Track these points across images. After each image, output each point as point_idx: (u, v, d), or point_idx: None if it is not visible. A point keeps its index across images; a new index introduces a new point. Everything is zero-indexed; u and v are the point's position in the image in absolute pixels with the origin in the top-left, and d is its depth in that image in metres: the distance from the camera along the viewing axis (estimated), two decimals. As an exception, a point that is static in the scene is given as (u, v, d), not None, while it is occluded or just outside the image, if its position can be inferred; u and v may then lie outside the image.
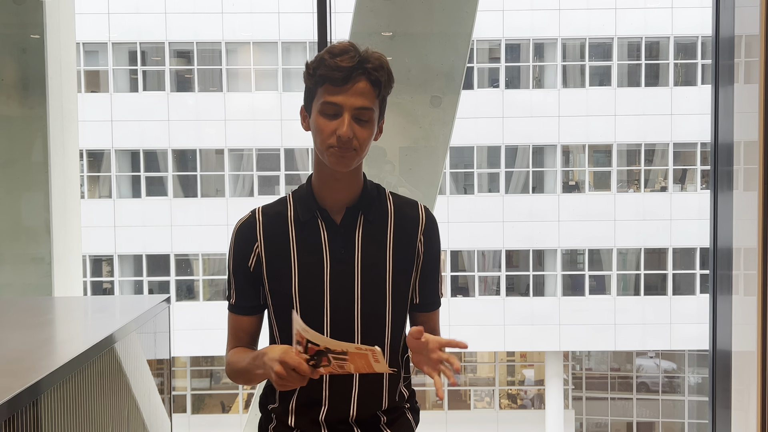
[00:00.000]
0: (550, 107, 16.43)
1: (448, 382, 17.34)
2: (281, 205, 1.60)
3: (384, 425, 1.62)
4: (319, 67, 1.49)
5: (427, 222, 1.63)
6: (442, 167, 3.81)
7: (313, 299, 1.54)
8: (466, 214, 16.57)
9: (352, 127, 1.48)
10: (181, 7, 16.04)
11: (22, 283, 3.79)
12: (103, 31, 16.20)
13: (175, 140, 16.30)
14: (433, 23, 3.74)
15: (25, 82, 3.71)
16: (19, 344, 2.35)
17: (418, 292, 1.64)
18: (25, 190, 3.73)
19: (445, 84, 3.72)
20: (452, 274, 17.06)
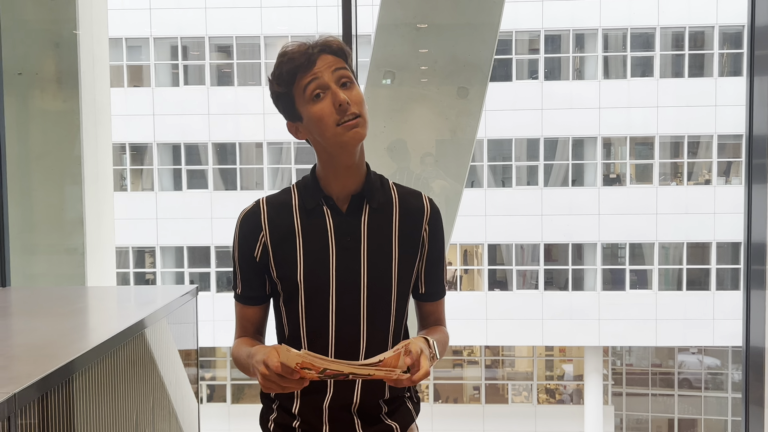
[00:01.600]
0: (590, 99, 16.20)
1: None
2: (285, 195, 1.61)
3: (384, 415, 1.63)
4: (281, 67, 1.52)
5: (432, 212, 1.65)
6: (470, 159, 3.78)
7: (319, 286, 1.55)
8: (503, 207, 16.45)
9: (345, 93, 1.50)
10: (220, 2, 16.20)
11: (57, 273, 3.88)
12: (145, 26, 16.45)
13: (215, 134, 16.49)
14: (460, 14, 3.71)
15: (59, 76, 3.78)
16: (52, 329, 2.42)
17: (423, 281, 1.66)
18: (59, 183, 3.81)
19: (472, 75, 3.69)
20: (490, 267, 16.97)
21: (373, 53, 3.78)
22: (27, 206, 3.80)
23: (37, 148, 3.81)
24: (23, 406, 1.74)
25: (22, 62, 3.73)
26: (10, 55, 3.69)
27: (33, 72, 3.75)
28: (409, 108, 3.73)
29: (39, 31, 3.78)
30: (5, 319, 2.71)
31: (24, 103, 3.79)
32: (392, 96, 3.75)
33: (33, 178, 3.81)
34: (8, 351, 2.23)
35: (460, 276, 17.42)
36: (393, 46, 3.79)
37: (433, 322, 1.71)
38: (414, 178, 3.91)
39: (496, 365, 18.38)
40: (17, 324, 2.64)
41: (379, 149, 3.76)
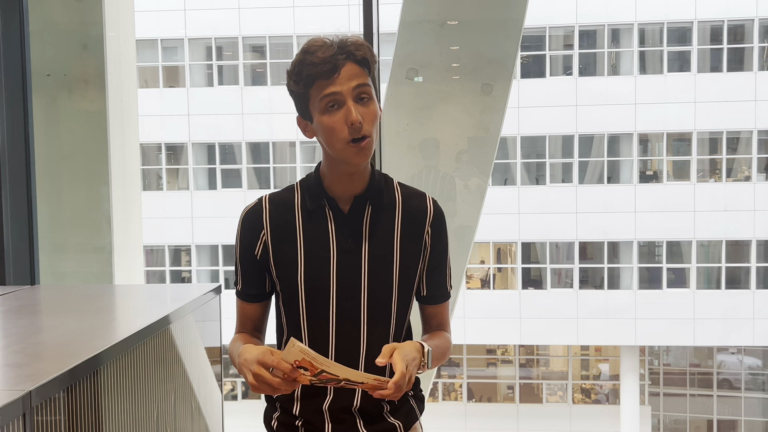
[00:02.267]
0: (626, 94, 15.97)
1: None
2: (289, 193, 1.60)
3: (387, 413, 1.62)
4: (303, 68, 1.48)
5: (435, 214, 1.62)
6: (494, 156, 3.75)
7: (319, 288, 1.54)
8: (537, 205, 16.31)
9: (358, 110, 1.47)
10: (253, 2, 16.31)
11: (85, 271, 3.94)
12: (179, 27, 16.65)
13: (249, 133, 16.63)
14: (484, 10, 3.67)
15: (85, 78, 3.84)
16: (80, 324, 2.46)
17: (426, 284, 1.63)
18: (87, 182, 3.87)
19: (496, 71, 3.65)
20: (523, 266, 16.84)
21: (396, 50, 3.76)
22: (56, 205, 3.86)
23: (66, 148, 3.87)
24: (44, 400, 1.76)
25: (50, 64, 3.79)
26: (39, 57, 3.76)
27: (61, 73, 3.81)
28: (432, 105, 3.70)
29: (67, 33, 3.84)
30: (32, 316, 2.75)
31: (53, 104, 3.85)
32: (415, 93, 3.73)
33: (62, 178, 3.87)
34: (30, 348, 2.26)
35: (494, 274, 17.32)
36: (416, 43, 3.77)
37: (436, 326, 1.68)
38: (441, 176, 3.89)
39: (530, 364, 18.24)
40: (42, 321, 2.68)
41: (402, 147, 3.75)
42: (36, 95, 3.70)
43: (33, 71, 3.69)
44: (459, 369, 18.20)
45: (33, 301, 3.00)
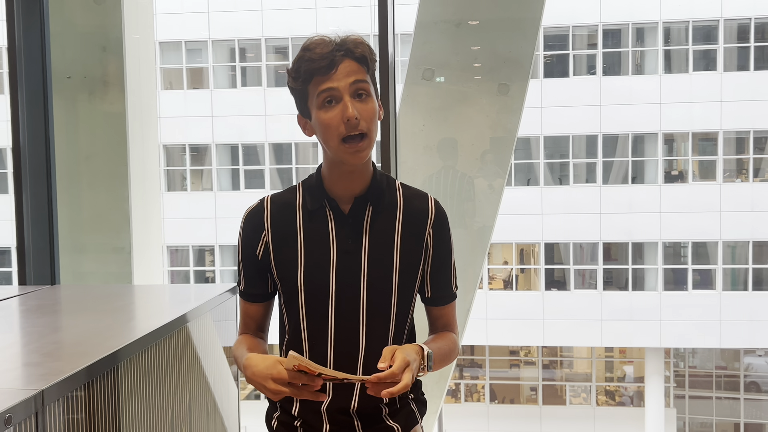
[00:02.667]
0: (651, 94, 15.80)
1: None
2: (291, 194, 1.60)
3: (386, 416, 1.61)
4: (301, 65, 1.48)
5: (437, 215, 1.61)
6: (510, 157, 3.72)
7: (319, 289, 1.54)
8: (560, 205, 16.19)
9: (355, 106, 1.47)
10: (276, 4, 16.38)
11: (105, 271, 3.98)
12: (203, 29, 16.77)
13: (272, 134, 16.70)
14: (500, 9, 3.65)
15: (105, 79, 3.88)
16: (97, 324, 2.48)
17: (430, 285, 1.62)
18: (106, 183, 3.91)
19: (512, 71, 3.63)
20: (546, 267, 16.72)
21: (412, 51, 3.75)
22: (76, 206, 3.91)
23: (86, 149, 3.92)
24: (61, 397, 1.78)
25: (71, 66, 3.84)
26: (59, 60, 3.80)
27: (81, 75, 3.86)
28: (448, 106, 3.69)
29: (87, 35, 3.88)
30: (50, 315, 2.78)
31: (73, 105, 3.90)
32: (431, 94, 3.72)
33: (82, 179, 3.92)
34: (46, 347, 2.29)
35: (516, 275, 17.22)
36: (432, 44, 3.76)
37: (441, 327, 1.67)
38: (459, 176, 3.87)
39: (553, 366, 18.11)
40: (60, 320, 2.70)
41: (418, 147, 3.74)
42: (57, 97, 3.75)
43: (54, 73, 3.74)
44: (482, 370, 18.13)
45: (52, 301, 3.03)
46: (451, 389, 18.14)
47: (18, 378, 1.91)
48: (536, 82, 16.19)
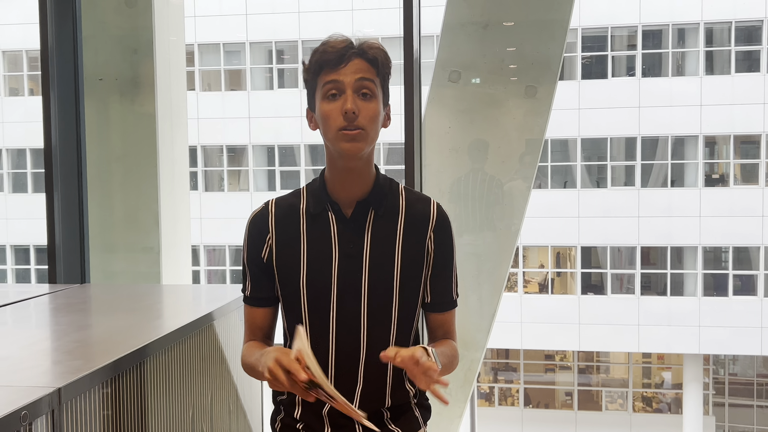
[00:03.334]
0: (692, 95, 15.52)
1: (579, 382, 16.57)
2: (295, 197, 1.61)
3: (388, 420, 1.60)
4: (314, 56, 1.51)
5: (438, 219, 1.60)
6: (537, 159, 3.69)
7: (320, 292, 1.54)
8: (598, 208, 15.99)
9: (356, 102, 1.48)
10: (313, 6, 16.48)
11: (134, 271, 4.04)
12: (241, 31, 16.94)
13: (307, 135, 16.79)
14: (528, 10, 3.62)
15: (136, 81, 3.94)
16: (124, 321, 2.53)
17: (429, 290, 1.61)
18: (136, 184, 3.97)
19: (540, 73, 3.59)
20: (583, 270, 16.53)
21: (438, 53, 3.74)
22: (106, 206, 3.97)
23: (117, 150, 3.98)
24: (82, 393, 1.80)
25: (103, 68, 3.91)
26: (92, 62, 3.87)
27: (113, 77, 3.92)
28: (475, 108, 3.67)
29: (119, 38, 3.95)
30: (76, 314, 2.82)
31: (105, 107, 3.96)
32: (457, 96, 3.70)
33: (113, 180, 3.98)
34: (69, 345, 2.32)
35: (552, 279, 17.06)
36: (459, 46, 3.74)
37: (442, 335, 1.65)
38: (488, 179, 3.85)
39: (589, 371, 17.90)
40: (85, 319, 2.74)
41: (444, 150, 3.72)
42: (88, 99, 3.82)
43: (86, 75, 3.81)
44: (516, 374, 17.99)
45: (79, 299, 3.07)
46: (485, 393, 18.04)
47: (37, 375, 1.95)
48: (574, 83, 16.02)
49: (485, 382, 18.08)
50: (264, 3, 16.76)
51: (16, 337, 2.38)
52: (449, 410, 3.85)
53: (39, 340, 2.38)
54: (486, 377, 18.13)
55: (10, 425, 1.59)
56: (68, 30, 3.69)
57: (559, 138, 16.33)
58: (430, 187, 3.71)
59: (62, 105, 3.67)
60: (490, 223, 3.87)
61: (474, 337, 3.82)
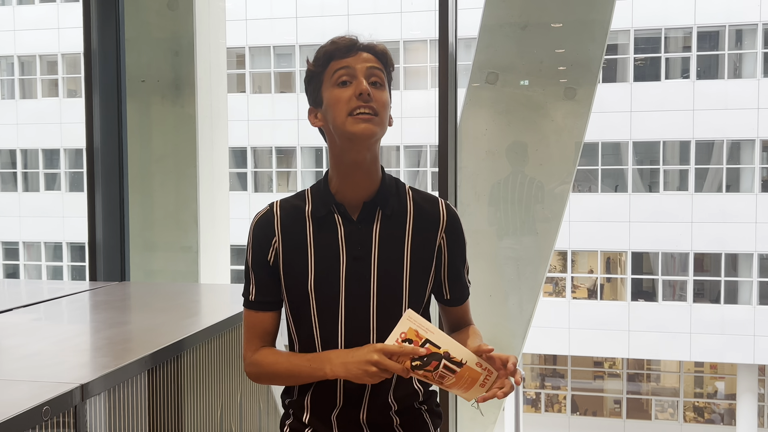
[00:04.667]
0: (748, 98, 15.09)
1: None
2: (299, 200, 1.59)
3: (398, 426, 1.58)
4: (321, 49, 1.51)
5: (449, 219, 1.58)
6: (576, 163, 3.62)
7: (329, 295, 1.52)
8: (649, 213, 15.67)
9: (370, 90, 1.47)
10: (361, 9, 16.55)
11: (173, 269, 4.10)
12: (291, 34, 17.11)
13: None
14: (568, 11, 3.56)
15: (177, 83, 4.00)
16: (159, 318, 2.58)
17: (448, 288, 1.61)
18: (176, 183, 4.03)
19: (580, 75, 3.53)
20: (634, 276, 16.21)
21: (475, 54, 3.70)
22: (147, 206, 4.05)
23: (158, 150, 4.05)
24: (107, 390, 1.84)
25: (145, 70, 3.98)
26: (134, 64, 3.95)
27: (155, 79, 3.99)
28: (512, 110, 3.62)
29: (160, 40, 4.02)
30: (110, 311, 2.88)
31: (147, 108, 4.04)
32: (495, 98, 3.66)
33: (153, 180, 4.05)
34: (98, 342, 2.37)
35: (602, 284, 16.77)
36: (497, 47, 3.70)
37: (464, 324, 1.67)
38: (527, 182, 3.80)
39: (639, 379, 17.53)
40: (120, 316, 2.79)
41: (480, 152, 3.68)
42: (131, 100, 3.90)
43: (128, 77, 3.89)
44: (563, 380, 17.74)
45: (115, 297, 3.13)
46: (531, 399, 17.83)
47: (64, 371, 1.98)
48: (626, 85, 15.74)
49: (532, 387, 17.87)
50: (314, 6, 16.90)
51: (49, 333, 2.43)
52: (483, 417, 3.80)
53: (71, 336, 2.42)
54: (533, 383, 17.92)
55: (32, 420, 1.62)
56: (111, 33, 3.77)
57: (610, 141, 16.07)
58: (465, 190, 3.68)
59: (105, 106, 3.75)
60: (530, 226, 3.82)
61: (510, 343, 3.77)
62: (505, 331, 3.80)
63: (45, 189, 19.08)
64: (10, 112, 19.17)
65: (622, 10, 15.60)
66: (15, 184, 19.47)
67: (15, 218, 19.04)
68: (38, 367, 2.05)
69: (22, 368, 1.99)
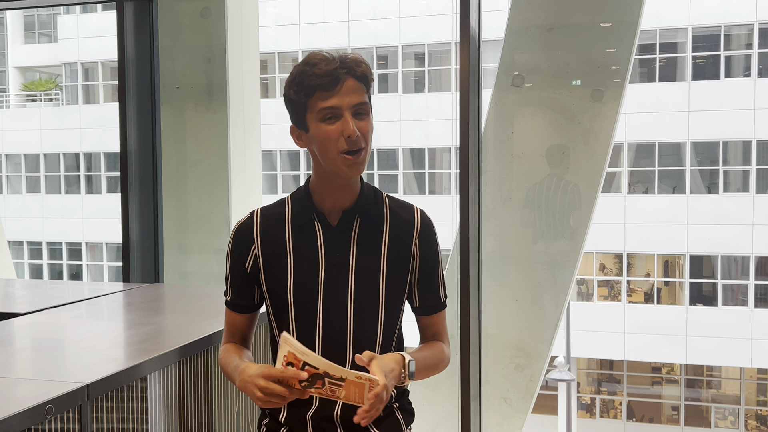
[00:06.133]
0: (814, 97, 14.56)
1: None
2: (280, 207, 1.64)
3: (370, 425, 1.61)
4: (304, 79, 1.51)
5: (423, 226, 1.63)
6: (604, 166, 3.57)
7: (308, 301, 1.57)
8: (709, 215, 15.25)
9: (355, 124, 1.50)
10: (414, 11, 16.57)
11: (206, 271, 4.20)
12: (343, 38, 17.25)
13: (406, 140, 16.91)
14: (595, 13, 3.51)
15: (210, 89, 4.10)
16: (197, 315, 2.67)
17: (417, 295, 1.65)
18: (209, 187, 4.13)
19: (607, 77, 3.47)
20: (692, 280, 15.79)
21: (501, 57, 3.68)
22: (181, 209, 4.15)
23: (191, 155, 4.16)
24: (112, 389, 1.90)
25: (179, 77, 4.09)
26: (169, 71, 4.07)
27: (189, 86, 4.10)
28: (538, 113, 3.59)
29: (194, 47, 4.13)
30: (137, 312, 2.96)
31: (181, 114, 4.15)
32: (521, 101, 3.63)
33: (187, 184, 4.16)
34: (115, 340, 2.45)
35: (659, 288, 16.39)
36: (523, 49, 3.67)
37: (431, 336, 1.68)
38: (565, 183, 3.76)
39: (698, 385, 17.06)
40: (145, 317, 2.87)
41: (505, 156, 3.66)
42: (165, 106, 4.01)
43: (163, 84, 4.01)
44: (620, 386, 17.40)
45: (145, 298, 3.21)
46: (586, 404, 17.54)
47: (73, 371, 2.06)
48: (683, 84, 15.36)
49: (587, 393, 17.58)
50: (366, 9, 17.00)
51: (70, 333, 2.53)
52: (509, 421, 3.78)
53: (91, 336, 2.51)
54: (588, 388, 17.63)
55: (36, 417, 1.70)
56: (146, 41, 3.89)
57: (667, 141, 15.70)
58: (490, 194, 3.67)
59: (139, 112, 3.87)
60: (561, 230, 3.78)
61: (537, 348, 3.74)
62: (532, 336, 3.77)
63: (107, 191, 19.70)
64: (74, 117, 19.86)
65: (680, 8, 15.24)
66: (78, 187, 20.16)
67: (78, 220, 19.71)
68: (50, 366, 2.13)
69: (35, 366, 2.08)
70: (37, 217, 20.23)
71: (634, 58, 3.77)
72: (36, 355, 2.27)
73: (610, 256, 16.69)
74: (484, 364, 3.65)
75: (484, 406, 3.64)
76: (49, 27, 22.63)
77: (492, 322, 3.72)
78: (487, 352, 3.70)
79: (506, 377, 3.75)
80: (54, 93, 21.74)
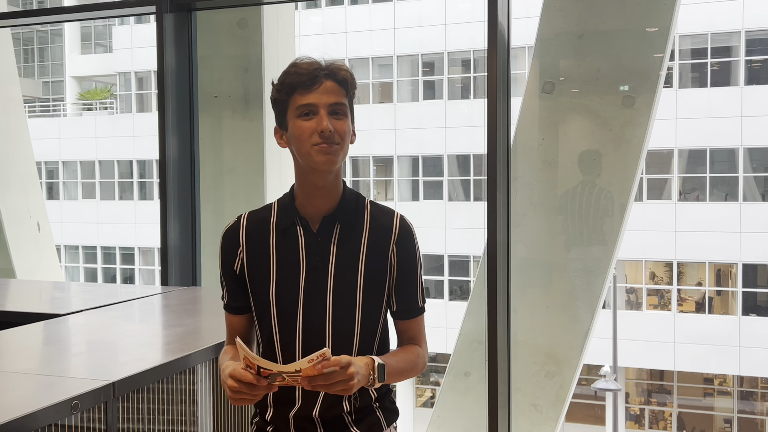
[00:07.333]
0: None
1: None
2: (266, 211, 1.69)
3: (350, 423, 1.65)
4: (286, 78, 1.58)
5: (401, 232, 1.65)
6: (636, 173, 3.54)
7: (289, 304, 1.62)
8: (763, 223, 14.85)
9: (330, 122, 1.55)
10: (460, 18, 16.57)
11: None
12: (389, 45, 17.35)
13: (451, 146, 16.90)
14: (626, 19, 3.49)
15: (246, 98, 4.20)
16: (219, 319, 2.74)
17: (395, 300, 1.68)
18: (245, 193, 4.23)
19: (639, 83, 3.45)
20: (745, 290, 15.38)
21: (532, 63, 3.69)
22: (219, 214, 4.26)
23: (228, 162, 4.26)
24: (137, 388, 1.98)
25: (217, 86, 4.21)
26: (207, 81, 4.18)
27: (226, 95, 4.21)
28: (569, 120, 3.59)
29: (231, 57, 4.24)
30: (167, 314, 3.05)
31: (219, 122, 4.26)
32: (551, 108, 3.63)
33: (224, 189, 4.27)
34: (147, 339, 2.53)
35: (710, 297, 16.01)
36: (553, 56, 3.67)
37: (407, 341, 1.71)
38: (597, 190, 3.75)
39: (753, 398, 16.59)
40: (176, 318, 2.96)
41: (535, 162, 3.66)
42: (203, 115, 4.12)
43: (201, 93, 4.12)
44: (669, 397, 17.03)
45: (179, 301, 3.29)
46: (634, 414, 17.21)
47: (102, 368, 2.15)
48: (736, 89, 15.02)
49: (636, 403, 17.26)
50: (411, 16, 17.07)
51: (104, 333, 2.63)
52: (539, 428, 3.77)
53: (124, 336, 2.60)
54: (637, 398, 17.30)
55: (62, 413, 1.78)
56: (184, 51, 4.00)
57: (719, 147, 15.36)
58: (520, 200, 3.67)
59: (178, 120, 3.98)
60: (593, 237, 3.76)
61: (567, 356, 3.72)
62: (562, 343, 3.75)
63: (159, 197, 20.14)
64: (128, 125, 20.38)
65: (732, 12, 14.92)
66: (132, 193, 20.67)
67: (131, 225, 20.19)
68: (81, 364, 2.23)
69: (66, 364, 2.18)
70: (92, 222, 20.81)
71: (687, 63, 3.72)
72: (69, 353, 2.37)
73: (660, 264, 16.38)
74: (514, 370, 3.65)
75: (515, 412, 3.64)
76: (105, 38, 23.30)
77: (522, 328, 3.72)
78: (517, 358, 3.70)
79: (536, 384, 3.74)
80: (109, 102, 22.36)
